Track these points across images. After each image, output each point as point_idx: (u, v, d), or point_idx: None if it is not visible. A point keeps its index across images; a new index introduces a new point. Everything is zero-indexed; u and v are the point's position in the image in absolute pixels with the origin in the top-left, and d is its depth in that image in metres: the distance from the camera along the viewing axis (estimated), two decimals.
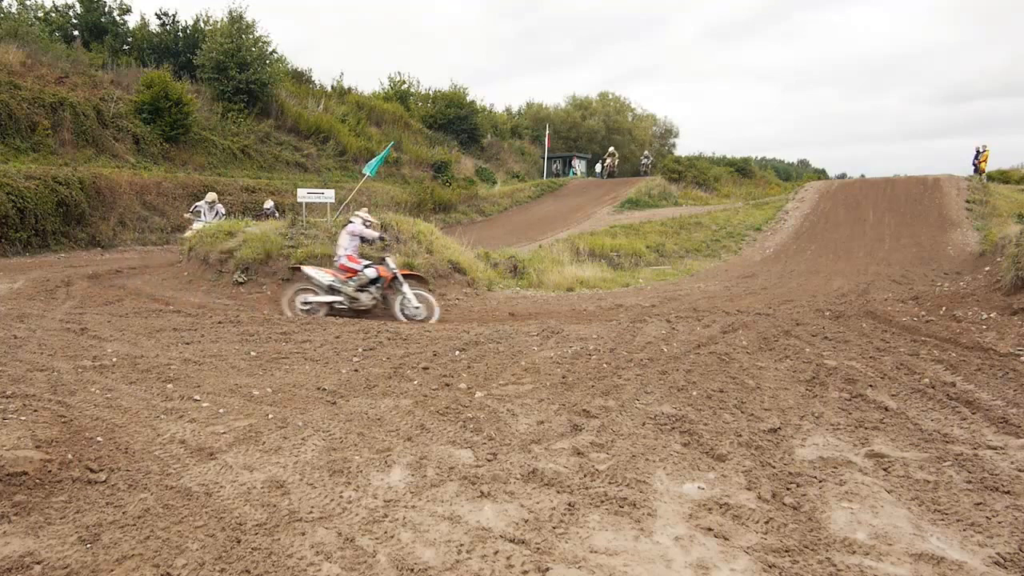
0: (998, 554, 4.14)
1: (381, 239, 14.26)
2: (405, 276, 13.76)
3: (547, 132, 64.72)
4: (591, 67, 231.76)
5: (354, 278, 13.54)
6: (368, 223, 14.18)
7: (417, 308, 13.48)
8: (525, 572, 3.91)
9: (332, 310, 13.60)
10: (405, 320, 13.22)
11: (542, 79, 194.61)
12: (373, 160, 20.33)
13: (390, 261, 13.82)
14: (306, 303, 13.57)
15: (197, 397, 7.08)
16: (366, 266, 13.55)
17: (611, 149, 57.31)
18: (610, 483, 5.11)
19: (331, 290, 13.54)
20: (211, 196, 22.30)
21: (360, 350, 9.61)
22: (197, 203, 22.59)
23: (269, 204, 26.88)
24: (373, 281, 13.57)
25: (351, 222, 14.04)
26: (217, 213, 22.12)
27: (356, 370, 8.46)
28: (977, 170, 38.28)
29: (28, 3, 41.39)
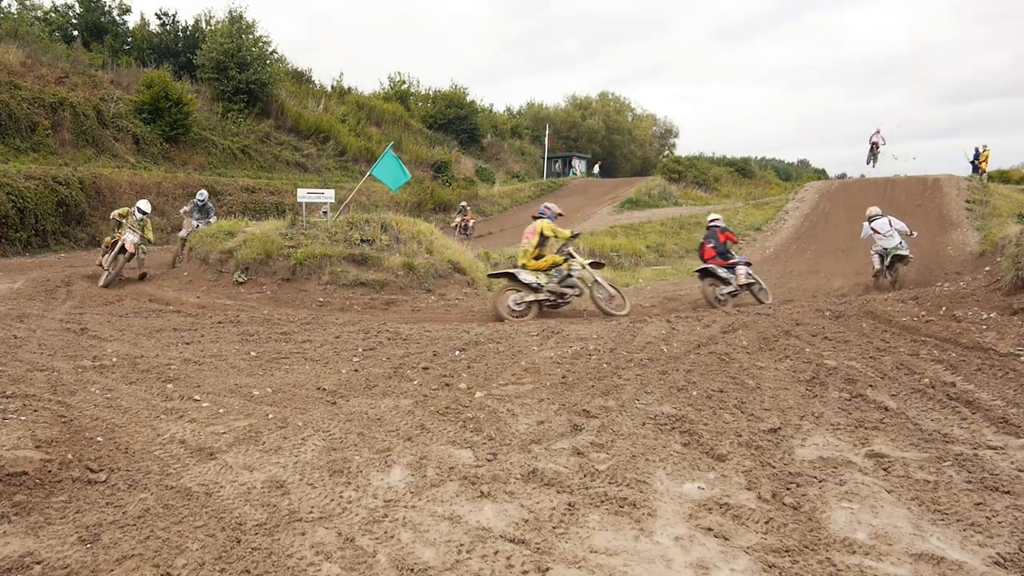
0: (998, 554, 4.14)
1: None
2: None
3: (547, 132, 64.83)
4: (597, 67, 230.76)
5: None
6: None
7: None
8: (525, 572, 3.91)
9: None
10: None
11: (546, 79, 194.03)
12: (387, 170, 19.66)
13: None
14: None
15: (197, 397, 7.09)
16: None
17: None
18: (610, 483, 5.11)
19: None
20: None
21: (360, 350, 9.61)
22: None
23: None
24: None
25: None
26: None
27: (356, 370, 8.47)
28: (976, 170, 38.27)
29: (28, 3, 41.38)
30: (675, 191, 49.35)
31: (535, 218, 14.10)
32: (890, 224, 17.49)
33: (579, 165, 63.74)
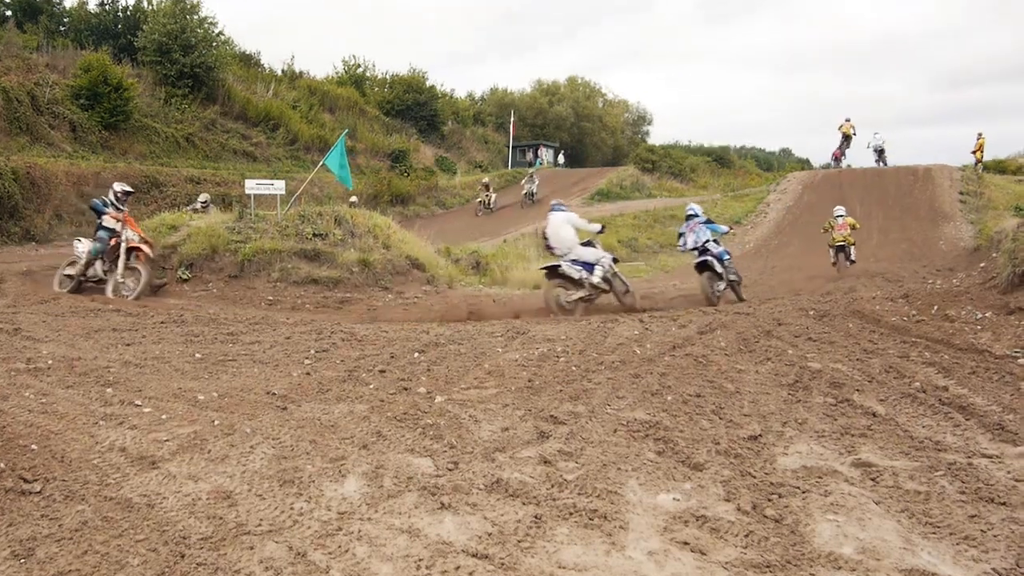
0: (993, 569, 4.16)
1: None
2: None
3: (512, 119, 64.70)
4: (576, 50, 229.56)
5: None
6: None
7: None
8: None
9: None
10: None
11: (520, 63, 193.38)
12: (335, 163, 19.56)
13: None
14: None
15: (138, 402, 7.02)
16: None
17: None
18: (579, 494, 5.10)
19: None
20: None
21: (312, 352, 9.57)
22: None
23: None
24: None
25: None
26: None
27: (308, 373, 8.42)
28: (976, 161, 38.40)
29: None
30: (648, 182, 49.47)
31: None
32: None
33: (546, 154, 63.77)
